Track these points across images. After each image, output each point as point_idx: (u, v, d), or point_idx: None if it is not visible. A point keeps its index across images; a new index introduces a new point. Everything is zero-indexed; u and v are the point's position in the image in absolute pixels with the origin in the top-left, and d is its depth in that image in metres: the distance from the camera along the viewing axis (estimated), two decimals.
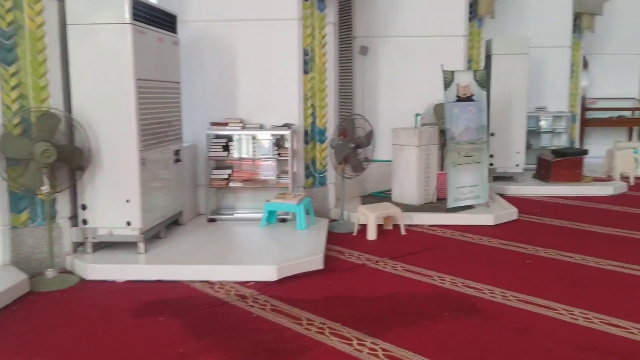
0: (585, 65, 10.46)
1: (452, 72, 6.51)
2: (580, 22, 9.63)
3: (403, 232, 5.89)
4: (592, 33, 10.07)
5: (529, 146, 9.52)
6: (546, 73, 9.72)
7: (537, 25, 9.51)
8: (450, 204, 6.53)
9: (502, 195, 7.83)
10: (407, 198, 6.91)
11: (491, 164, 8.29)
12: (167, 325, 3.61)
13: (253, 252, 5.05)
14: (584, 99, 10.49)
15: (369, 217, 5.71)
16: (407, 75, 7.88)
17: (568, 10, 9.57)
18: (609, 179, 8.75)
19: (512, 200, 7.53)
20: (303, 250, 4.87)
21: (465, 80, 6.61)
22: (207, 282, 4.36)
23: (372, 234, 5.69)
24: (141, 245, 4.72)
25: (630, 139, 11.52)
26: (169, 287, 4.28)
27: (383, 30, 7.88)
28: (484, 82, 6.71)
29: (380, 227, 6.01)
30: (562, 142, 9.68)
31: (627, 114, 11.16)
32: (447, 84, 6.49)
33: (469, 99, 6.63)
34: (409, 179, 6.88)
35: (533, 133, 9.61)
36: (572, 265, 4.80)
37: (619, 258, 4.93)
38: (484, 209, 6.64)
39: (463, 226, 6.16)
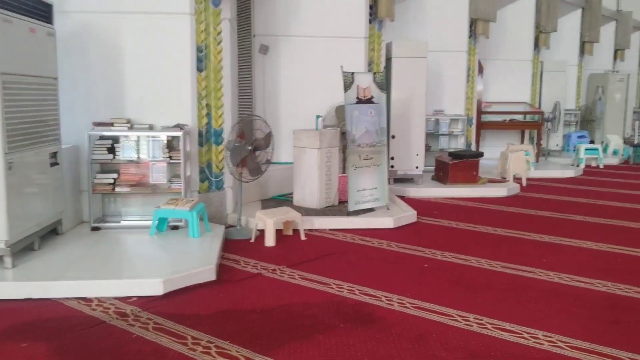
0: (481, 69, 10.82)
1: (352, 73, 6.42)
2: (476, 27, 9.93)
3: (303, 237, 5.71)
4: (487, 39, 10.41)
5: (428, 148, 9.69)
6: (444, 77, 9.95)
7: (436, 30, 9.71)
8: (351, 207, 6.44)
9: (402, 198, 7.88)
10: (308, 201, 6.75)
11: (392, 166, 8.33)
12: (30, 352, 3.17)
13: (138, 263, 4.66)
14: (479, 102, 10.84)
15: (267, 223, 5.47)
16: (309, 76, 7.73)
17: (464, 16, 9.84)
18: (502, 180, 9.06)
19: (412, 202, 7.59)
20: (194, 261, 4.54)
21: (365, 82, 6.54)
22: (84, 299, 3.94)
23: (270, 241, 5.46)
24: (8, 260, 4.20)
25: (522, 142, 12.08)
26: (38, 307, 3.82)
27: (284, 29, 7.68)
28: (384, 85, 6.68)
29: (279, 232, 5.79)
30: (459, 144, 9.94)
31: (520, 117, 11.68)
32: (347, 86, 6.39)
33: (369, 101, 6.57)
34: (310, 182, 6.71)
35: (432, 135, 9.79)
36: (467, 268, 4.82)
37: (510, 259, 5.01)
38: (384, 211, 6.60)
39: (364, 230, 6.08)
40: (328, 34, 7.70)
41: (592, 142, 13.97)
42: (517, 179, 9.27)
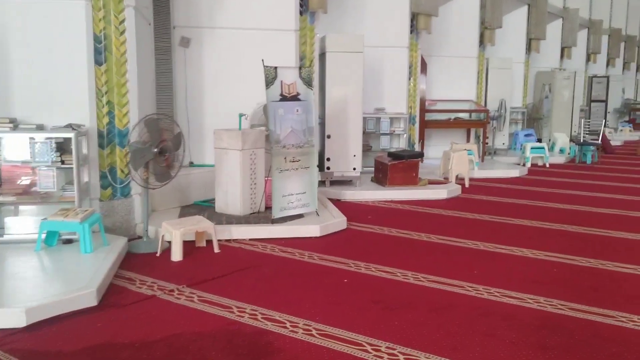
0: (424, 66, 10.44)
1: (275, 68, 5.88)
2: (417, 22, 9.53)
3: (216, 249, 5.14)
4: (429, 34, 10.04)
5: (369, 148, 9.25)
6: (385, 73, 9.52)
7: (375, 24, 9.27)
8: (276, 214, 5.91)
9: (337, 201, 7.40)
10: (231, 208, 6.19)
11: (328, 168, 7.84)
12: None
13: (3, 288, 3.98)
14: (422, 100, 10.46)
15: (174, 235, 4.88)
16: (236, 71, 7.16)
17: (405, 10, 9.42)
18: (444, 181, 8.69)
19: (348, 206, 7.12)
20: (74, 283, 3.92)
21: (290, 77, 6.01)
22: None
23: (177, 254, 4.87)
24: None
25: (467, 140, 11.78)
26: None
27: (207, 21, 7.09)
28: (311, 80, 6.16)
29: (191, 244, 5.21)
30: (401, 144, 9.53)
31: (465, 115, 11.36)
32: (269, 81, 5.85)
33: (295, 98, 6.04)
34: (233, 187, 6.15)
35: (373, 135, 9.35)
36: (390, 283, 4.35)
37: (439, 272, 4.58)
38: (313, 218, 6.10)
39: (287, 239, 5.56)
40: (255, 25, 7.16)
41: (539, 140, 13.83)
42: (460, 180, 8.92)
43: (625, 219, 6.75)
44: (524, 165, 11.37)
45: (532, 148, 11.55)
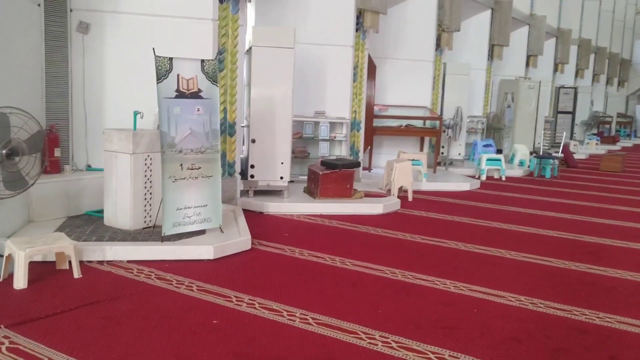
0: (373, 69, 9.66)
1: (170, 59, 5.02)
2: (364, 20, 8.74)
3: (77, 274, 4.25)
4: (377, 33, 9.27)
5: (306, 155, 8.43)
6: (328, 74, 8.71)
7: (318, 19, 8.48)
8: (168, 230, 5.04)
9: (260, 214, 6.56)
10: (121, 221, 5.32)
11: (252, 176, 6.99)
12: None
13: None
14: (370, 104, 9.67)
15: (17, 256, 3.97)
16: (143, 62, 6.22)
17: (350, 6, 8.63)
18: (384, 194, 7.90)
19: (269, 220, 6.30)
20: None
21: (189, 71, 5.15)
22: None
23: (19, 281, 3.97)
24: None
25: (421, 149, 11.06)
26: None
27: (110, 4, 6.20)
28: (216, 76, 5.31)
29: (51, 265, 4.31)
30: (343, 151, 8.72)
31: (418, 123, 10.60)
32: (161, 74, 4.98)
33: (196, 95, 5.18)
34: (122, 196, 5.28)
35: (312, 141, 8.53)
36: (270, 326, 3.52)
37: (335, 312, 3.76)
38: (206, 237, 5.24)
39: (174, 262, 4.70)
40: (167, 12, 6.30)
41: (500, 151, 13.21)
42: (405, 192, 8.15)
43: (572, 243, 6.03)
44: (478, 177, 10.68)
45: (488, 160, 10.86)
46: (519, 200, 8.66)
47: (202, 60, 5.24)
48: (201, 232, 5.31)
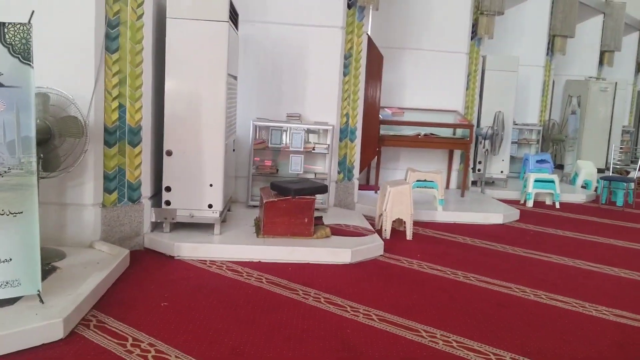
0: (378, 60, 7.40)
1: None
2: None
3: None
4: (376, 11, 7.01)
5: (273, 172, 6.29)
6: (307, 65, 6.56)
7: None
8: None
9: (170, 260, 4.50)
10: None
11: (167, 203, 4.92)
12: None
13: None
14: (374, 107, 7.41)
15: None
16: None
17: None
18: (365, 231, 5.62)
19: (173, 271, 4.31)
20: None
21: None
22: None
23: None
24: None
25: (449, 166, 8.65)
26: None
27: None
28: (29, 50, 3.27)
29: None
30: (326, 167, 6.51)
31: (445, 132, 8.19)
32: None
33: None
34: None
35: (282, 153, 6.39)
36: None
37: None
38: (25, 309, 3.20)
39: None
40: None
41: (560, 166, 10.57)
42: (401, 225, 5.88)
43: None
44: (524, 203, 8.16)
45: (536, 180, 8.29)
46: (571, 241, 6.15)
47: (3, 24, 3.21)
48: (10, 301, 3.30)
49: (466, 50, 8.53)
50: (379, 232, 5.76)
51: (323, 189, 5.24)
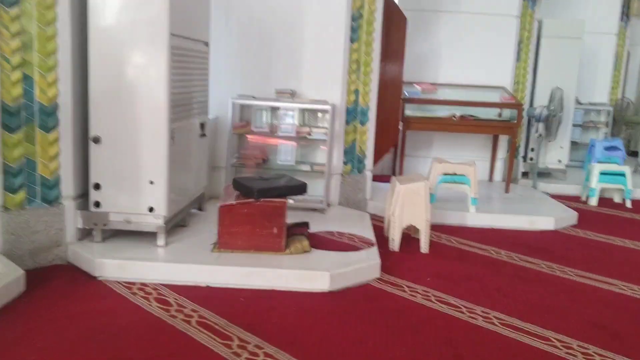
0: (402, 22, 5.99)
1: None
2: None
3: None
4: None
5: (259, 162, 5.06)
6: (303, 30, 5.25)
7: None
8: None
9: (92, 282, 3.37)
10: None
11: (97, 204, 3.78)
12: None
13: None
14: (397, 82, 6.02)
15: None
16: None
17: None
18: (360, 243, 4.30)
19: (87, 299, 3.11)
20: None
21: None
22: None
23: None
24: None
25: (494, 154, 7.14)
26: None
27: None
28: None
29: None
30: (317, 158, 5.21)
31: (486, 112, 6.68)
32: None
33: None
34: None
35: (272, 139, 5.13)
36: None
37: None
38: None
39: None
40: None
41: (634, 153, 8.85)
42: (413, 232, 4.54)
43: None
44: (585, 201, 6.59)
45: (602, 174, 6.66)
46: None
47: None
48: None
49: (517, 12, 6.96)
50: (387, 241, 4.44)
51: (299, 189, 3.94)
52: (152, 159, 3.78)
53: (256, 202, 3.74)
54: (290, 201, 3.92)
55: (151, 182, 3.81)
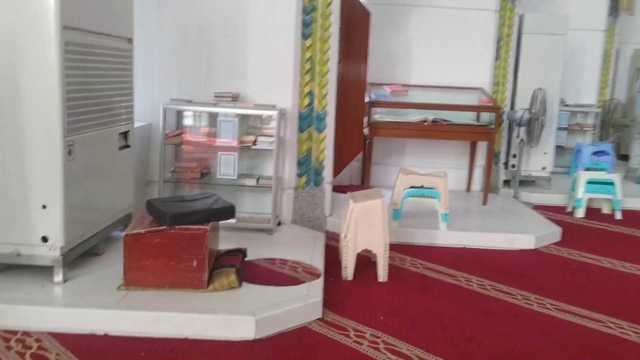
0: (364, 17, 5.35)
1: None
2: None
3: None
4: None
5: (196, 174, 4.38)
6: (251, 25, 4.59)
7: None
8: None
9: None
10: None
11: None
12: None
13: None
14: (360, 84, 5.39)
15: None
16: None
17: None
18: (311, 274, 3.65)
19: None
20: None
21: None
22: None
23: None
24: None
25: (471, 161, 6.53)
26: None
27: None
28: None
29: None
30: (265, 170, 4.54)
31: (460, 116, 6.06)
32: None
33: None
34: None
35: (210, 148, 4.47)
36: None
37: None
38: None
39: None
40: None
41: (624, 157, 8.29)
42: (370, 256, 3.90)
43: None
44: (572, 212, 5.99)
45: (590, 182, 6.05)
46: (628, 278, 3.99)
47: None
48: None
49: (496, 6, 6.34)
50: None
51: (224, 213, 3.28)
52: (43, 179, 3.12)
53: (170, 229, 3.08)
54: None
55: (44, 207, 3.14)
